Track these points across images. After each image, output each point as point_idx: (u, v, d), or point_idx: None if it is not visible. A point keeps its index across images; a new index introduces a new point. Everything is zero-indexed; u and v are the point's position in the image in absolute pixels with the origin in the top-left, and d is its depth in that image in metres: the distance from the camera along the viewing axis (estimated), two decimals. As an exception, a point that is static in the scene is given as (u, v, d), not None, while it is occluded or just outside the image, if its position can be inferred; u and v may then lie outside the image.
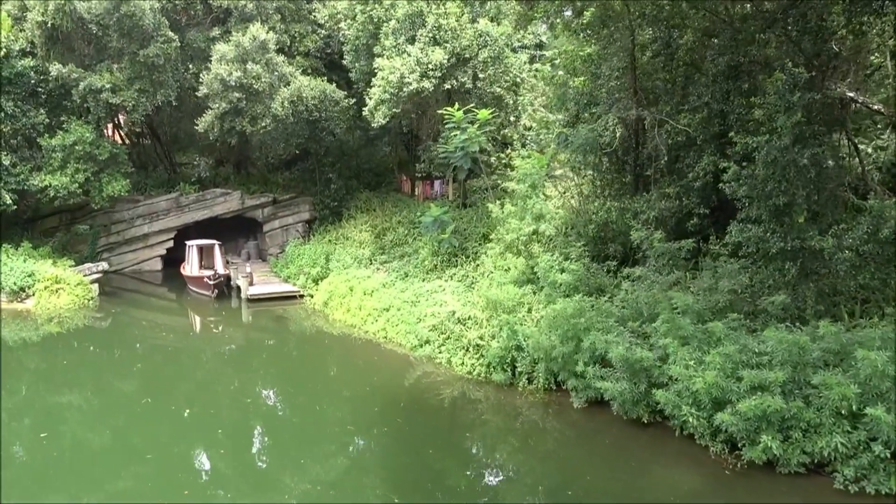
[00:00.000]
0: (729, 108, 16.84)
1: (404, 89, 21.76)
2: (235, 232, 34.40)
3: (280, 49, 27.31)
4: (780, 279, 14.32)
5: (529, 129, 24.66)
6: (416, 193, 31.56)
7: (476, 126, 21.31)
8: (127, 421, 14.28)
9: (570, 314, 14.52)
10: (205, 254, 28.21)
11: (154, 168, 34.76)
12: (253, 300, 25.33)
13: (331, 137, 29.18)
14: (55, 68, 25.00)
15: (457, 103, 25.01)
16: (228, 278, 26.73)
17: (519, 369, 15.81)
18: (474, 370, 16.60)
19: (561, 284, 16.95)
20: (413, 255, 25.78)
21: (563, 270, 17.39)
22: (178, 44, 26.35)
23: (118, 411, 14.95)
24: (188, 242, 28.23)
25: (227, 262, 28.83)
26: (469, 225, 24.58)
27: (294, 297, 25.83)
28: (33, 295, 24.16)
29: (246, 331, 22.81)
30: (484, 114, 20.65)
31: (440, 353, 17.92)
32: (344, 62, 27.53)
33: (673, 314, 13.52)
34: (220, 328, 23.14)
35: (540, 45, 27.60)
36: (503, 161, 30.20)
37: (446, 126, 21.40)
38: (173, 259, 32.23)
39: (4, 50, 24.59)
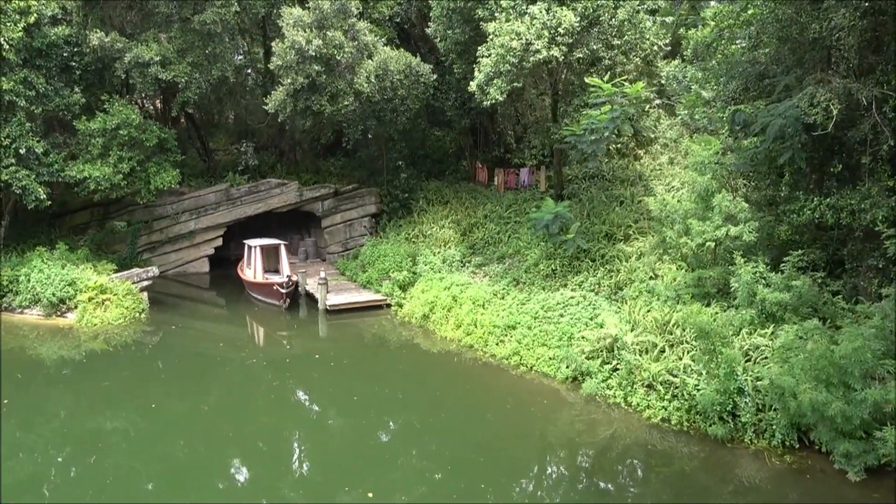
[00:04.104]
0: None
1: (529, 59, 17.86)
2: (285, 227, 30.57)
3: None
4: None
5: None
6: (496, 183, 27.70)
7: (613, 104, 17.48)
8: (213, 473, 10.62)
9: (841, 354, 10.76)
10: (266, 256, 24.38)
11: (183, 155, 30.60)
12: (333, 311, 21.53)
13: (403, 119, 25.26)
14: (96, 37, 20.97)
15: (562, 76, 21.24)
16: (296, 284, 22.92)
17: (742, 419, 12.13)
18: (671, 417, 12.90)
19: (772, 304, 13.25)
20: (515, 256, 22.07)
21: (768, 285, 13.69)
22: (238, 9, 22.30)
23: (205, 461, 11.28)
24: (249, 242, 24.36)
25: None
26: (582, 221, 20.80)
27: (378, 308, 22.06)
28: (75, 308, 20.37)
29: (333, 350, 18.82)
30: (638, 86, 16.77)
31: (609, 389, 14.23)
32: (427, 31, 23.57)
33: None
34: (299, 346, 19.40)
35: (653, 11, 23.57)
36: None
37: (588, 102, 17.55)
38: (220, 259, 28.50)
39: (35, 16, 20.56)
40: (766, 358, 12.83)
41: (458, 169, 31.41)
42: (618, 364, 14.53)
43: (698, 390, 12.77)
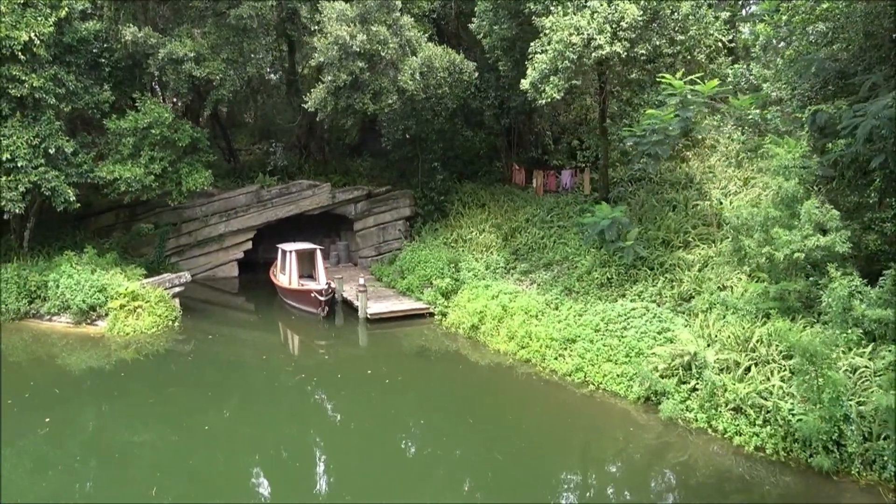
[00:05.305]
0: None
1: (590, 55, 16.83)
2: (315, 230, 29.61)
3: (392, 10, 22.29)
4: None
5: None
6: (535, 185, 26.66)
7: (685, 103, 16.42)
8: None
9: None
10: (301, 261, 23.43)
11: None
12: (373, 320, 20.56)
13: (441, 118, 24.30)
14: (129, 32, 20.08)
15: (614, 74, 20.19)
16: (334, 292, 21.98)
17: (849, 449, 11.07)
18: (765, 445, 11.84)
19: (871, 321, 12.18)
20: (563, 263, 21.02)
21: (863, 300, 12.62)
22: (274, 2, 21.34)
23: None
24: (283, 247, 23.43)
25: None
26: (635, 226, 19.69)
27: (420, 316, 21.07)
28: (106, 315, 19.49)
29: (384, 365, 17.37)
30: (712, 84, 15.72)
31: (689, 411, 13.18)
32: (469, 27, 22.57)
33: None
34: (345, 359, 18.43)
35: (709, 6, 22.45)
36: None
37: (645, 100, 16.51)
38: (248, 262, 27.62)
39: (65, 10, 19.68)
40: (867, 381, 11.78)
41: (492, 170, 30.40)
42: (697, 384, 13.50)
43: (794, 415, 11.73)
